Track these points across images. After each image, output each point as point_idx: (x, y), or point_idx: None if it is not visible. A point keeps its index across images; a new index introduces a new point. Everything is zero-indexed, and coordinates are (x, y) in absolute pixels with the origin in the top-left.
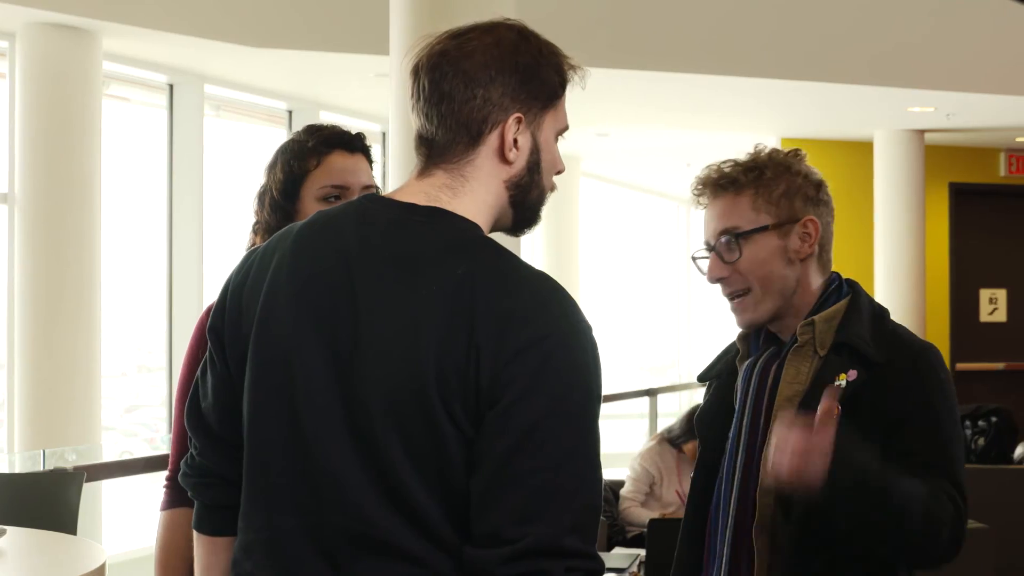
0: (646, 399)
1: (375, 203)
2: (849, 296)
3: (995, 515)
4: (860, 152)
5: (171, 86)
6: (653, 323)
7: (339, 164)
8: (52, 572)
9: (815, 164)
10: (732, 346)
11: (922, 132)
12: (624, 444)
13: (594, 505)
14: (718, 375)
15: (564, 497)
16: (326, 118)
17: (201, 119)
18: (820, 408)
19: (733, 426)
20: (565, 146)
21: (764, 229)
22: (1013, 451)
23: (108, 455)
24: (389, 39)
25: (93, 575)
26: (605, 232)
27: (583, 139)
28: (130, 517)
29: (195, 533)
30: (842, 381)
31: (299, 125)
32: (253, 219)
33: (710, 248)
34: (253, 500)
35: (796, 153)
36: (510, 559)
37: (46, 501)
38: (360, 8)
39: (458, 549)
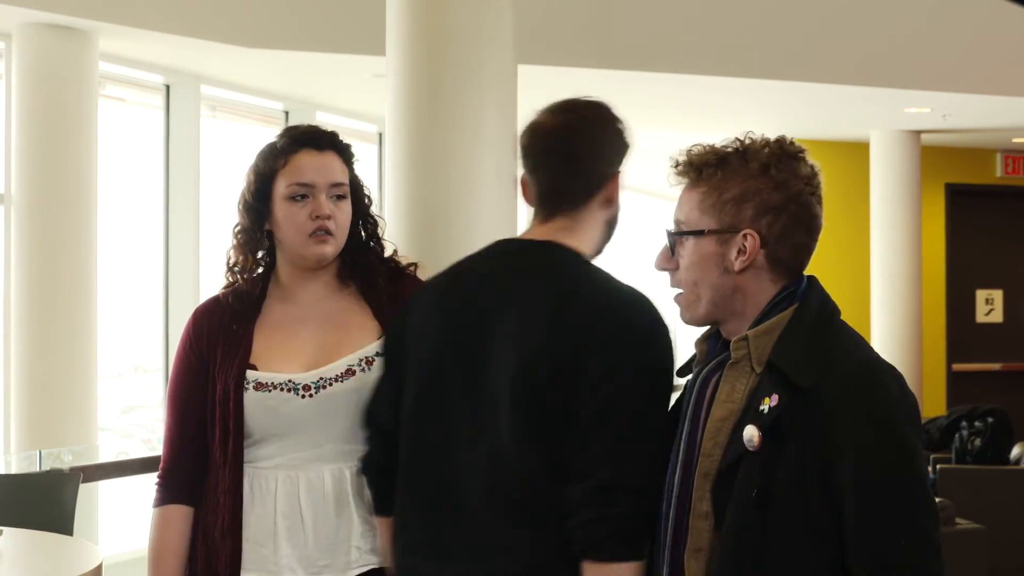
0: None
1: (506, 242)
2: (796, 305)
3: (990, 516)
4: (856, 153)
5: (167, 87)
6: None
7: (305, 162)
8: (49, 572)
9: None
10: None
11: (918, 133)
12: None
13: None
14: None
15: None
16: (322, 119)
17: (197, 120)
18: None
19: (676, 439)
20: None
21: (700, 233)
22: (1009, 452)
23: (104, 456)
24: (385, 40)
25: (89, 575)
26: None
27: None
28: (126, 517)
29: (377, 518)
30: (765, 407)
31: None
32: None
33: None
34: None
35: (785, 152)
36: None
37: (43, 502)
38: (356, 9)
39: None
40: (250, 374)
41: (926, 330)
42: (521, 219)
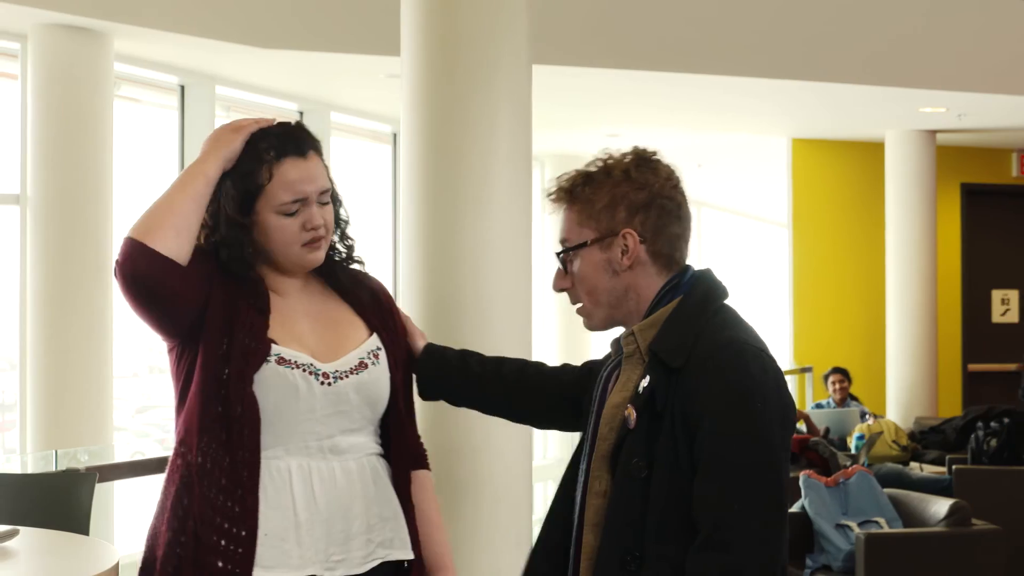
0: None
1: None
2: (680, 297)
3: (1007, 516)
4: (871, 153)
5: (182, 87)
6: None
7: (294, 175)
8: (65, 572)
9: (826, 164)
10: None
11: (934, 132)
12: None
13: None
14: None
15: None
16: (337, 119)
17: (212, 120)
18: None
19: (585, 431)
20: (574, 146)
21: (584, 245)
22: None
23: (120, 456)
24: (400, 40)
25: (106, 575)
26: None
27: (593, 140)
28: (142, 517)
29: None
30: (641, 388)
31: (310, 126)
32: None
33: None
34: None
35: (641, 158)
36: None
37: (58, 501)
38: (371, 9)
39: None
40: (273, 346)
41: (942, 330)
42: (535, 218)
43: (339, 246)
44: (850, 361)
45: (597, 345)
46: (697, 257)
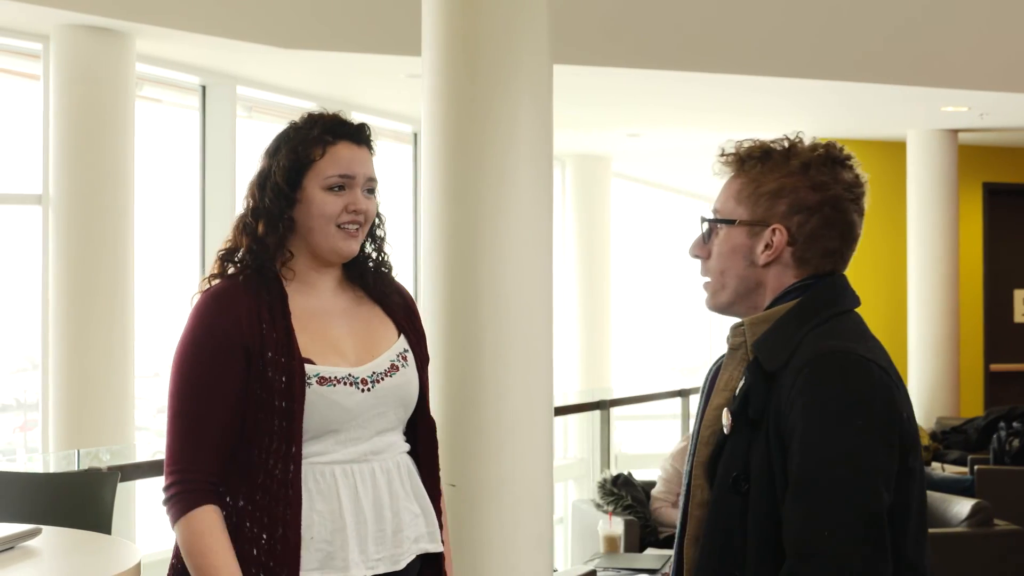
0: (678, 400)
1: None
2: (800, 298)
3: None
4: (893, 152)
5: (203, 87)
6: (684, 324)
7: (346, 154)
8: (87, 571)
9: None
10: None
11: (955, 132)
12: (656, 445)
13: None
14: None
15: None
16: (357, 119)
17: (233, 120)
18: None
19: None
20: (595, 146)
21: (731, 223)
22: None
23: (142, 455)
24: (421, 40)
25: (128, 574)
26: (636, 232)
27: (614, 139)
28: (164, 517)
29: None
30: (738, 390)
31: None
32: (247, 205)
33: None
34: None
35: (829, 156)
36: None
37: (81, 501)
38: (391, 9)
39: None
40: (309, 368)
41: (963, 330)
42: (556, 217)
43: (370, 248)
44: None
45: (617, 345)
46: None
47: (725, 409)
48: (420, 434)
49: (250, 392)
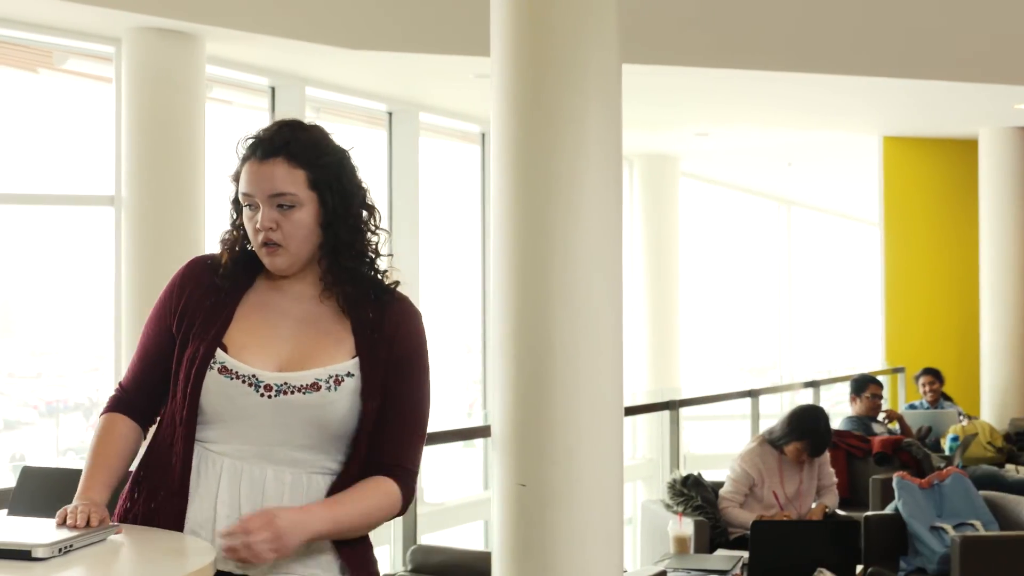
0: (748, 400)
1: None
2: None
3: None
4: (965, 150)
5: (272, 89)
6: (754, 324)
7: (250, 172)
8: (166, 567)
9: (919, 162)
10: None
11: None
12: (726, 445)
13: None
14: None
15: None
16: (426, 120)
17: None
18: None
19: None
20: (663, 145)
21: None
22: None
23: None
24: (489, 40)
25: (204, 571)
26: (705, 232)
27: (682, 139)
28: None
29: None
30: None
31: (399, 126)
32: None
33: None
34: None
35: None
36: None
37: None
38: (460, 9)
39: None
40: (219, 354)
41: None
42: (625, 217)
43: (344, 260)
44: (943, 361)
45: (686, 345)
46: (787, 257)
47: None
48: (354, 472)
49: (177, 355)
